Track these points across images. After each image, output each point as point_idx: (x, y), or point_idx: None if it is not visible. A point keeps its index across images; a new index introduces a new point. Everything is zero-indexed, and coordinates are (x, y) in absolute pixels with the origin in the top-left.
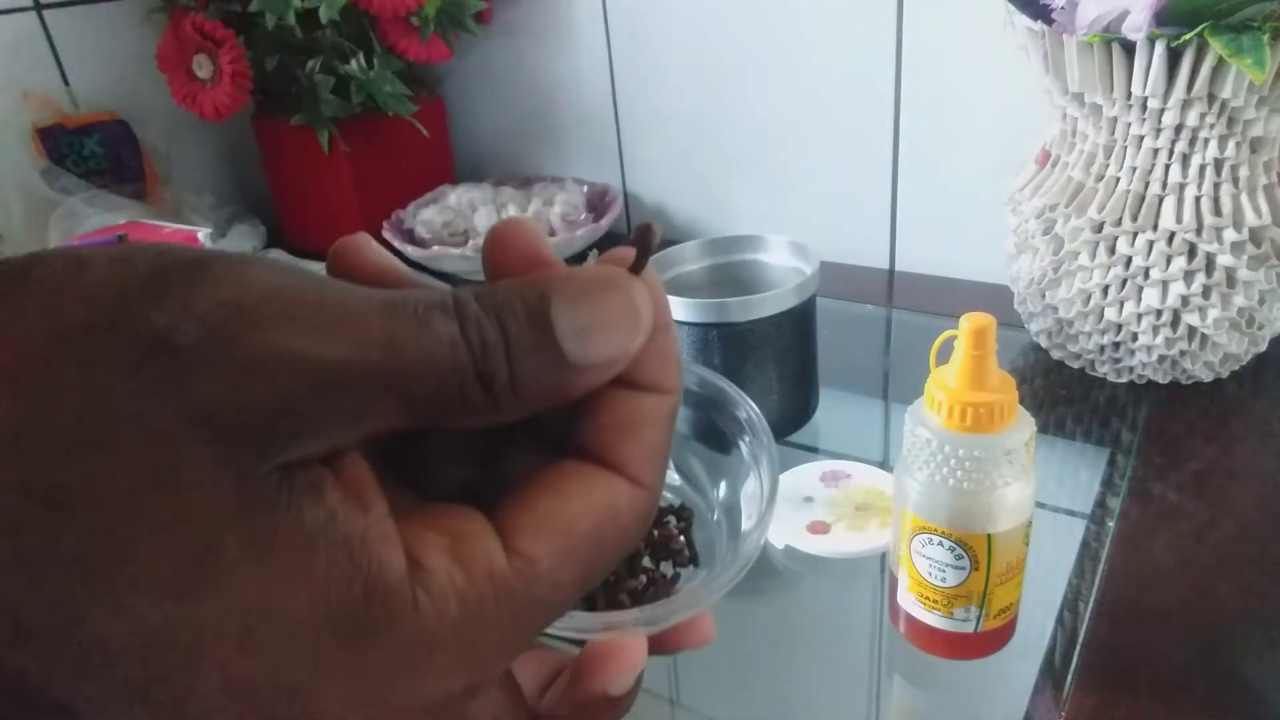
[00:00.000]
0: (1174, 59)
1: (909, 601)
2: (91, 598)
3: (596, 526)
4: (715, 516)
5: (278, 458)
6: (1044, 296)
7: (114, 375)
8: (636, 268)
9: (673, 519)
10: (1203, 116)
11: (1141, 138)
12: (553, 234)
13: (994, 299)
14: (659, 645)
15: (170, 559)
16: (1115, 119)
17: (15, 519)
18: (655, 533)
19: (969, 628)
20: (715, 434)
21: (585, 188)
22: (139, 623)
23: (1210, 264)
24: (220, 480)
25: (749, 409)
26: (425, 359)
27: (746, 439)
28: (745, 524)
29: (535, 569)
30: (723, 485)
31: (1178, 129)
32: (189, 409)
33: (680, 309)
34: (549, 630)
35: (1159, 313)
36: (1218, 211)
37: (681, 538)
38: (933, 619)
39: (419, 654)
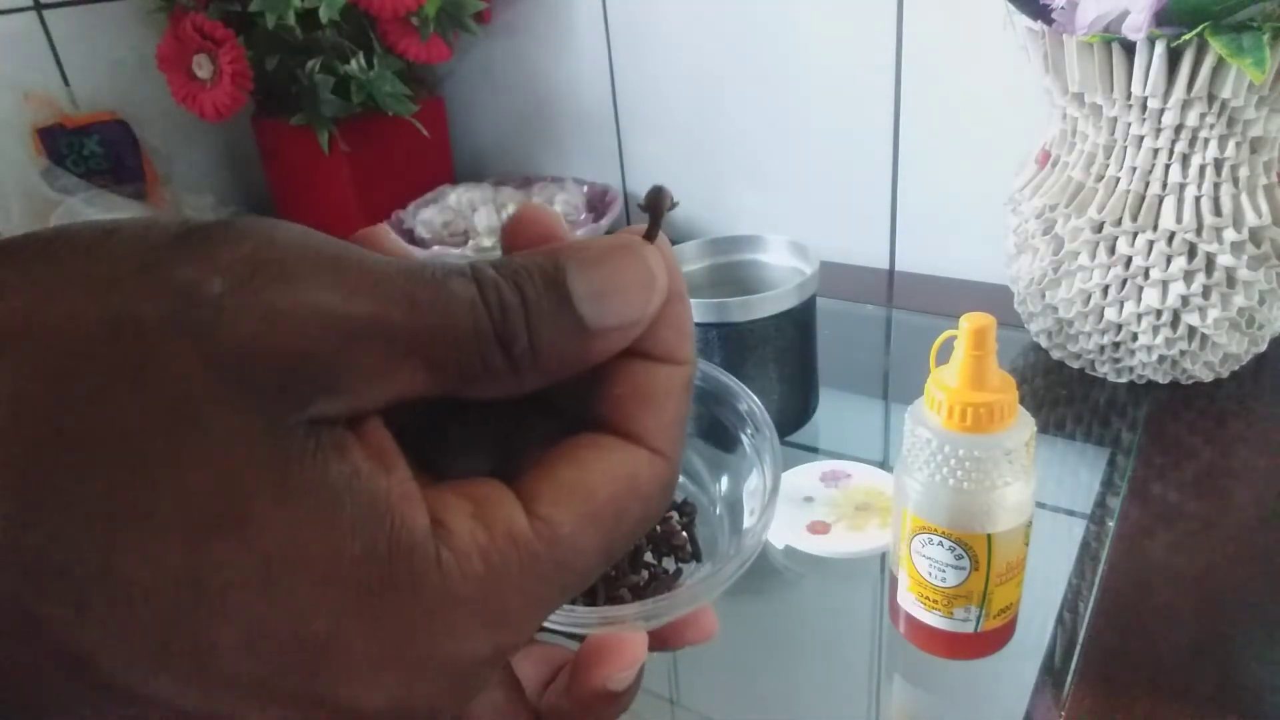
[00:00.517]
0: (1174, 59)
1: (909, 601)
2: (118, 542)
3: (617, 494)
4: (717, 511)
5: (304, 410)
6: (1044, 296)
7: (143, 326)
8: (650, 234)
9: (675, 514)
10: (1203, 116)
11: (1141, 138)
12: None
13: (994, 299)
14: (661, 641)
15: (197, 503)
16: (1115, 119)
17: (47, 465)
18: (658, 528)
19: (969, 628)
20: (717, 428)
21: (585, 188)
22: (164, 567)
23: (1210, 264)
24: (247, 429)
25: (750, 401)
26: (446, 320)
27: (749, 432)
28: (747, 519)
29: (557, 532)
30: (724, 479)
31: (1178, 129)
32: (216, 358)
33: None
34: (550, 625)
35: (1159, 313)
36: (1218, 211)
37: (684, 533)
38: (933, 619)
39: (443, 612)
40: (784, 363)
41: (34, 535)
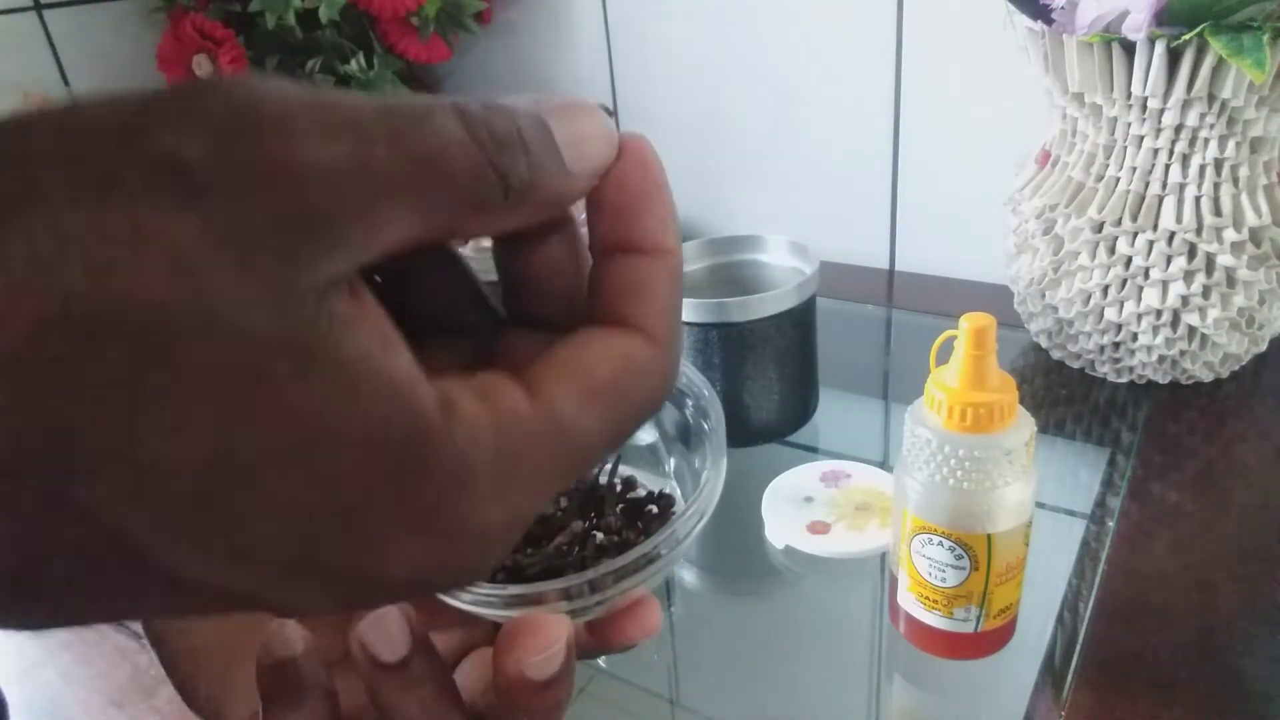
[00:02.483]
0: (1174, 59)
1: (909, 601)
2: (142, 419)
3: (614, 371)
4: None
5: (310, 273)
6: (1044, 296)
7: (128, 199)
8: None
9: (653, 506)
10: (1203, 116)
11: (1141, 138)
12: None
13: (994, 299)
14: (604, 641)
15: (218, 378)
16: (1115, 119)
17: (57, 342)
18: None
19: (969, 628)
20: (680, 423)
21: None
22: (193, 445)
23: (1210, 264)
24: (259, 299)
25: (700, 392)
26: (436, 152)
27: (708, 423)
28: (678, 508)
29: (559, 408)
30: (686, 471)
31: (1178, 129)
32: (209, 227)
33: None
34: (467, 605)
35: (1159, 313)
36: (1218, 211)
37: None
38: (933, 619)
39: (463, 483)
40: (784, 363)
41: (59, 414)
